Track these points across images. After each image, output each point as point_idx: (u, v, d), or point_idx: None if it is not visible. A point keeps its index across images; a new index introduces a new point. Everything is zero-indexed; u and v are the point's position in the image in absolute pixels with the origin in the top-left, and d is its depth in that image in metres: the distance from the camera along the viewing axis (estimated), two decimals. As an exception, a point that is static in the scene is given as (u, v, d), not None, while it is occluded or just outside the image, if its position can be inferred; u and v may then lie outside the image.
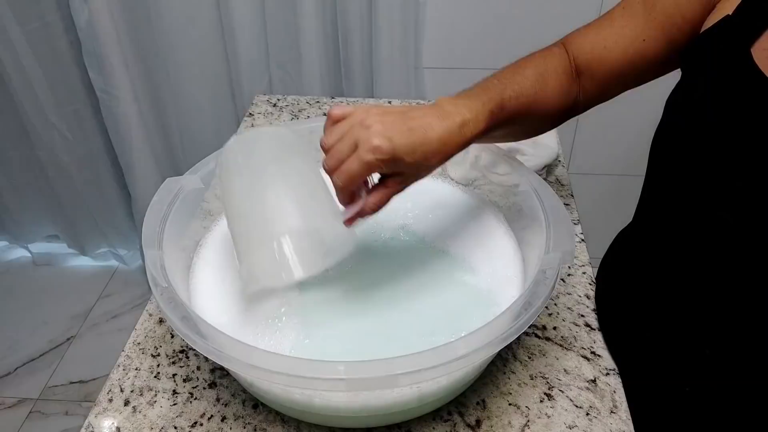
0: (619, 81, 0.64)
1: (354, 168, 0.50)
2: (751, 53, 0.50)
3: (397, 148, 0.49)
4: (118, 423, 0.58)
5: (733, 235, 0.51)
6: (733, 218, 0.50)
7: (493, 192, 0.72)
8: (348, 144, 0.50)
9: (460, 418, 0.58)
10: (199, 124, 1.58)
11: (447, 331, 0.57)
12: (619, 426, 0.57)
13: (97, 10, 1.32)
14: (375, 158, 0.49)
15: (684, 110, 0.55)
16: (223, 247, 0.68)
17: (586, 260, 0.75)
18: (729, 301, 0.54)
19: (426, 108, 0.53)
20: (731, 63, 0.51)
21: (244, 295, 0.61)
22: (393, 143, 0.49)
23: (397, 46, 1.36)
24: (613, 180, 1.62)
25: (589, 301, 0.70)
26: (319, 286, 0.62)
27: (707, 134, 0.52)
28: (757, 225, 0.49)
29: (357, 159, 0.49)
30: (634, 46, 0.61)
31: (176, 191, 0.63)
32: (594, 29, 0.64)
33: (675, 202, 0.57)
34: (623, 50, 0.61)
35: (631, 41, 0.61)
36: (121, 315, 1.80)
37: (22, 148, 1.67)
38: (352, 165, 0.50)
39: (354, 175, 0.50)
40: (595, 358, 0.63)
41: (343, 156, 0.50)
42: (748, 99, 0.49)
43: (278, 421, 0.58)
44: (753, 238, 0.50)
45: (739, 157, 0.50)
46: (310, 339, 0.57)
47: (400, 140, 0.49)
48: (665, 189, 0.59)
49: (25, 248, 1.95)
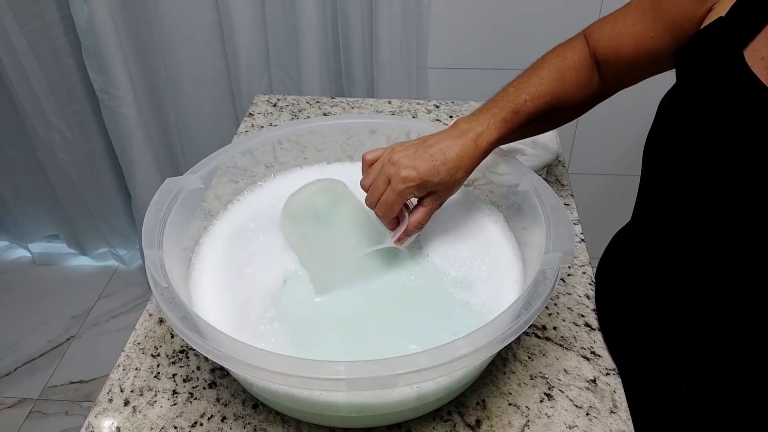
0: (633, 72, 0.67)
1: (390, 199, 0.59)
2: (744, 55, 0.50)
3: (423, 174, 0.58)
4: (118, 423, 0.58)
5: (724, 235, 0.51)
6: (725, 218, 0.50)
7: (493, 192, 0.72)
8: (382, 180, 0.60)
9: (460, 418, 0.58)
10: (199, 124, 1.58)
11: (445, 331, 0.57)
12: (618, 426, 0.57)
13: (97, 10, 1.32)
14: (406, 186, 0.58)
15: (676, 111, 0.56)
16: (223, 247, 0.68)
17: (585, 260, 0.75)
18: (722, 299, 0.54)
19: (443, 132, 0.62)
20: (724, 65, 0.51)
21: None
22: (418, 171, 0.58)
23: (398, 46, 1.35)
24: (612, 180, 1.62)
25: (589, 301, 0.70)
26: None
27: (699, 135, 0.52)
28: (748, 225, 0.49)
29: (392, 191, 0.59)
30: (643, 43, 0.63)
31: (176, 191, 0.63)
32: (611, 22, 0.67)
33: (668, 202, 0.57)
34: (634, 45, 0.64)
35: (640, 37, 0.63)
36: (121, 315, 1.80)
37: (22, 148, 1.67)
38: (389, 197, 0.59)
39: (392, 204, 0.60)
40: (595, 358, 0.63)
41: (380, 191, 0.60)
42: (740, 101, 0.50)
43: (278, 421, 0.58)
44: (743, 238, 0.50)
45: (729, 157, 0.50)
46: (307, 337, 0.58)
47: (424, 166, 0.58)
48: (659, 189, 0.59)
49: (25, 248, 1.95)
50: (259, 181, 0.75)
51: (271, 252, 0.67)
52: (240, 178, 0.73)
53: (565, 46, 0.68)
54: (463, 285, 0.63)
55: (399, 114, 1.04)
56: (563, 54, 0.67)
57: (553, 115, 0.66)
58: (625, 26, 0.65)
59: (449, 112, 1.04)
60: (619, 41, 0.65)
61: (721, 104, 0.51)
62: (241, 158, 0.72)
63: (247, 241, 0.68)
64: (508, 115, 0.62)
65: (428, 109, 1.04)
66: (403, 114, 1.04)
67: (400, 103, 1.06)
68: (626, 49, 0.64)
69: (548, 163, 0.87)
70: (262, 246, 0.68)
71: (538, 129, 0.70)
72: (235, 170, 0.72)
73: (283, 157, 0.76)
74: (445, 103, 1.06)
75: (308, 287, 0.63)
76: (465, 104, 1.05)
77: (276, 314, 0.60)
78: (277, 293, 0.62)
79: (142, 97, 1.50)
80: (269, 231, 0.69)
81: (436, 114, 1.03)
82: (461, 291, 0.63)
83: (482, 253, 0.67)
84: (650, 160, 0.60)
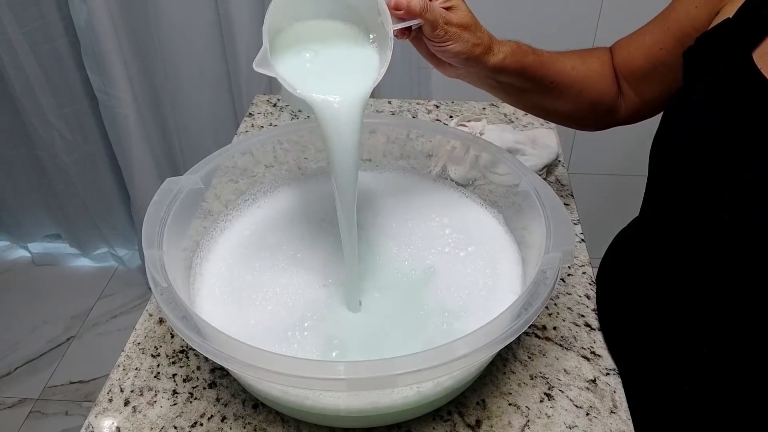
0: (650, 85, 0.67)
1: None
2: (752, 57, 0.50)
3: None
4: (118, 423, 0.58)
5: (731, 234, 0.51)
6: (732, 218, 0.50)
7: (493, 192, 0.72)
8: None
9: (460, 418, 0.58)
10: (199, 124, 1.58)
11: (442, 331, 0.57)
12: (619, 426, 0.57)
13: (97, 10, 1.32)
14: None
15: (684, 112, 0.55)
16: (223, 248, 0.68)
17: (586, 260, 0.75)
18: (727, 300, 0.54)
19: None
20: (732, 66, 0.51)
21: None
22: None
23: (398, 45, 1.35)
24: (613, 180, 1.61)
25: (589, 301, 0.70)
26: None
27: (707, 135, 0.52)
28: (756, 225, 0.49)
29: None
30: (653, 53, 0.64)
31: (176, 191, 0.63)
32: (627, 37, 0.69)
33: (676, 201, 0.57)
34: (644, 56, 0.65)
35: (650, 48, 0.64)
36: (121, 315, 1.80)
37: (22, 149, 1.67)
38: None
39: None
40: (595, 358, 0.63)
41: None
42: (749, 102, 0.50)
43: (278, 421, 0.58)
44: (751, 237, 0.50)
45: (738, 158, 0.50)
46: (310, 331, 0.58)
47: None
48: (666, 189, 0.59)
49: (25, 248, 1.95)
50: (259, 183, 0.75)
51: (283, 261, 0.67)
52: (240, 178, 0.73)
53: (589, 50, 0.70)
54: (461, 285, 0.63)
55: (399, 114, 1.04)
56: (589, 50, 0.69)
57: (571, 90, 0.66)
58: (637, 39, 0.66)
59: (449, 112, 1.04)
60: (630, 53, 0.66)
61: (730, 105, 0.51)
62: (241, 158, 0.72)
63: (258, 248, 0.68)
64: (526, 46, 0.63)
65: (428, 109, 1.04)
66: (403, 114, 1.04)
67: (400, 103, 1.06)
68: (637, 61, 0.66)
69: (548, 163, 0.87)
70: (274, 253, 0.68)
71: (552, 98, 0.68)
72: (235, 170, 0.72)
73: (283, 157, 0.76)
74: (445, 103, 1.06)
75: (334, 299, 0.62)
76: (465, 104, 1.05)
77: (303, 323, 0.59)
78: (288, 300, 0.62)
79: (142, 97, 1.50)
80: (281, 237, 0.69)
81: (436, 114, 1.03)
82: (460, 291, 0.62)
83: (482, 253, 0.67)
84: (658, 162, 0.60)
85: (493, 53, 0.60)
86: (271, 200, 0.75)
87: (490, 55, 0.60)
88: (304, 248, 0.67)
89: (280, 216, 0.72)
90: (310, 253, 0.67)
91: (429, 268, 0.65)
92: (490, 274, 0.64)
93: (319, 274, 0.64)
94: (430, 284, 0.64)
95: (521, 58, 0.63)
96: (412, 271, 0.65)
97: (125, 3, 1.37)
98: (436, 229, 0.70)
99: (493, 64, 0.61)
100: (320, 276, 0.64)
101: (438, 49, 0.58)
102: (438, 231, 0.70)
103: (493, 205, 0.73)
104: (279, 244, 0.68)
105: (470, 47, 0.58)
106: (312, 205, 0.73)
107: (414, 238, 0.69)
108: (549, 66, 0.65)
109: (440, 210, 0.72)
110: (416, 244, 0.68)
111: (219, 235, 0.69)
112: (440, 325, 0.59)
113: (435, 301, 0.62)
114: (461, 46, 0.58)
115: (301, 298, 0.62)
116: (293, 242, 0.68)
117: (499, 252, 0.67)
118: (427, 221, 0.71)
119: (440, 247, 0.68)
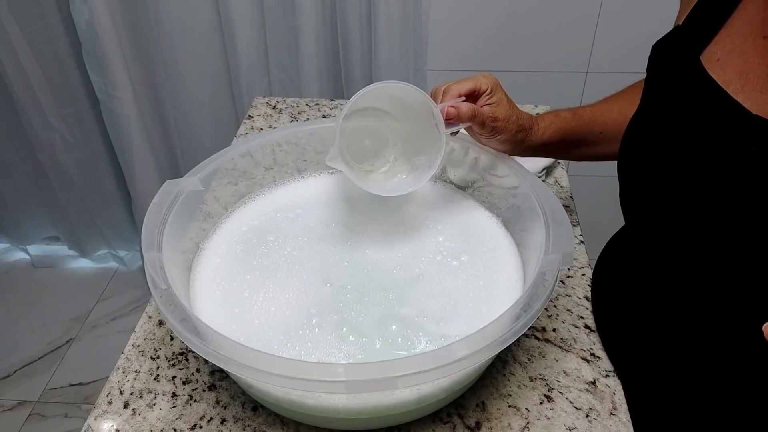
0: None
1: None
2: (701, 60, 0.52)
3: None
4: (117, 425, 0.58)
5: (697, 235, 0.52)
6: (686, 217, 0.52)
7: (493, 194, 0.72)
8: None
9: (460, 420, 0.58)
10: (199, 125, 1.58)
11: (439, 332, 0.57)
12: (618, 428, 0.57)
13: (98, 11, 1.32)
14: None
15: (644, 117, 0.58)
16: (223, 249, 0.68)
17: (585, 262, 0.75)
18: (721, 300, 0.54)
19: None
20: (682, 70, 0.54)
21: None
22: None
23: (397, 48, 1.36)
24: (612, 182, 1.60)
25: (588, 303, 0.70)
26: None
27: (664, 135, 0.54)
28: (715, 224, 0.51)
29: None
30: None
31: (176, 193, 0.63)
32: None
33: (643, 204, 0.58)
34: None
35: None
36: (121, 317, 1.80)
37: (22, 150, 1.67)
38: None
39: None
40: (595, 360, 0.63)
41: None
42: (699, 102, 0.52)
43: (278, 423, 0.58)
44: (713, 237, 0.51)
45: (693, 157, 0.51)
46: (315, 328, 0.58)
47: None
48: (633, 191, 0.61)
49: (25, 250, 1.95)
50: (258, 186, 0.76)
51: (283, 261, 0.67)
52: (239, 180, 0.73)
53: (635, 85, 0.70)
54: (460, 286, 0.63)
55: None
56: (635, 90, 0.68)
57: (619, 135, 0.63)
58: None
59: (449, 113, 1.04)
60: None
61: (683, 106, 0.53)
62: (241, 160, 0.72)
63: (259, 249, 0.68)
64: (565, 112, 0.67)
65: (428, 111, 1.04)
66: (402, 116, 1.04)
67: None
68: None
69: (548, 165, 0.87)
70: (275, 255, 0.68)
71: (604, 146, 0.71)
72: (234, 172, 0.72)
73: (282, 159, 0.76)
74: (444, 105, 1.06)
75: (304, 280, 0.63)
76: (464, 106, 1.05)
77: (295, 324, 0.60)
78: (290, 302, 0.62)
79: (142, 98, 1.50)
80: (281, 238, 0.69)
81: (435, 116, 1.03)
82: (459, 291, 0.62)
83: (480, 256, 0.67)
84: (623, 168, 0.61)
85: (534, 132, 0.66)
86: (271, 202, 0.75)
87: (531, 134, 0.66)
88: (304, 248, 0.68)
89: (280, 216, 0.72)
90: (310, 253, 0.67)
91: (427, 268, 0.65)
92: (489, 277, 0.64)
93: (320, 273, 0.65)
94: (431, 284, 0.64)
95: (562, 126, 0.67)
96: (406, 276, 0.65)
97: (126, 4, 1.37)
98: (432, 231, 0.70)
99: (536, 142, 0.67)
100: (320, 275, 0.64)
101: (486, 141, 0.67)
102: (435, 233, 0.70)
103: (492, 207, 0.73)
104: (279, 244, 0.68)
105: (514, 134, 0.65)
106: (311, 206, 0.73)
107: (410, 239, 0.69)
108: (593, 122, 0.68)
109: (439, 212, 0.72)
110: (411, 245, 0.68)
111: (218, 237, 0.69)
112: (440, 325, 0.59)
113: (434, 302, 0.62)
114: (506, 135, 0.65)
115: (303, 297, 0.62)
116: (293, 243, 0.68)
117: (499, 254, 0.67)
118: (426, 222, 0.71)
119: (435, 250, 0.68)
